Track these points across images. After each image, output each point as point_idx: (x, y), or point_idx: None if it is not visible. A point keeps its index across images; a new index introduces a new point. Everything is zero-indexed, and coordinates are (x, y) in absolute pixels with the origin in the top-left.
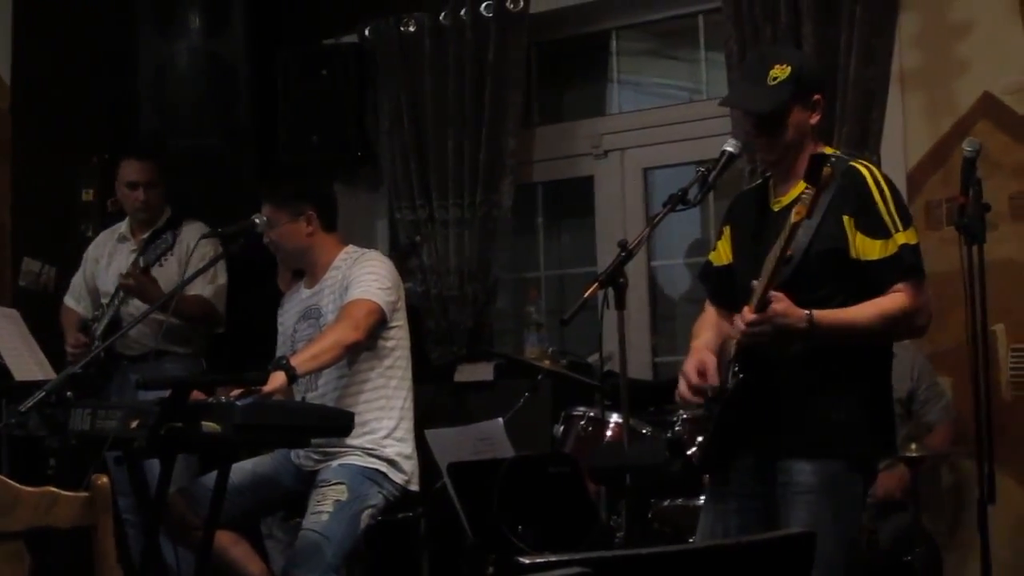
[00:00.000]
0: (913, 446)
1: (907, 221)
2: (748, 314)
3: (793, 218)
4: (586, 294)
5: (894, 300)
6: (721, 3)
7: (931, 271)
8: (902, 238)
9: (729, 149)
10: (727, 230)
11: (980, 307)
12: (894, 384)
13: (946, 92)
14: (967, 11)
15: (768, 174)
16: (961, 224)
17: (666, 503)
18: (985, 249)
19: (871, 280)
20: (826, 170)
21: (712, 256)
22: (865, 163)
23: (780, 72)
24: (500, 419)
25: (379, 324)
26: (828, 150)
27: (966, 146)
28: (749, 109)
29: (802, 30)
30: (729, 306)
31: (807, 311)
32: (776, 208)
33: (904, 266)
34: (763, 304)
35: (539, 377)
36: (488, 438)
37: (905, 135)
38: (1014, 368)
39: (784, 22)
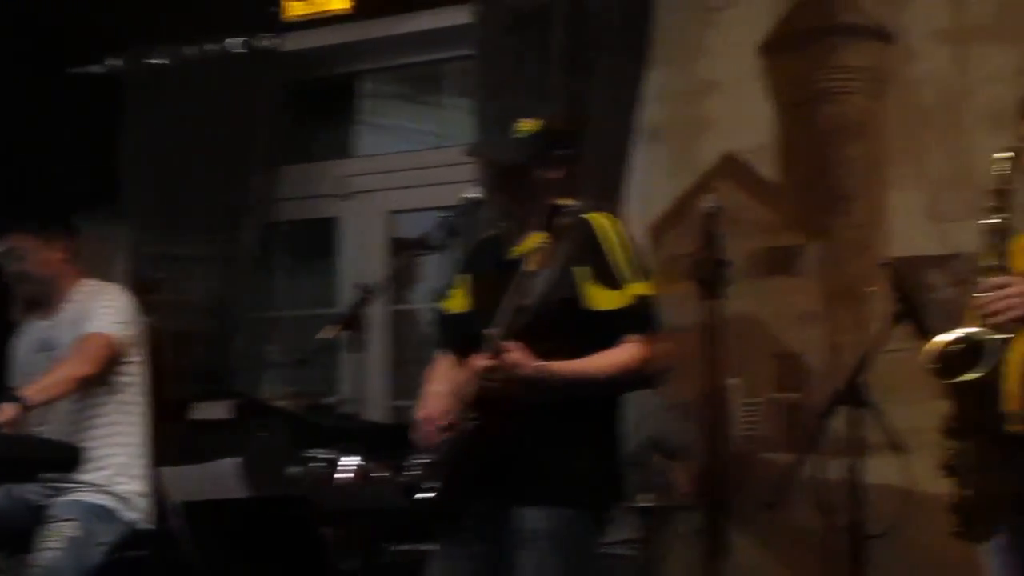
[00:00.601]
0: (645, 496)
1: (643, 273)
2: (482, 361)
3: (529, 268)
4: (325, 336)
5: (626, 352)
6: (470, 51)
7: (670, 325)
8: (636, 290)
9: (472, 196)
10: (463, 278)
11: (716, 361)
12: (631, 433)
13: (690, 148)
14: (713, 71)
15: (506, 223)
16: (700, 279)
17: (401, 547)
18: (723, 304)
19: (605, 331)
20: (563, 221)
21: (448, 304)
22: (603, 215)
23: (527, 126)
24: (235, 459)
25: (114, 358)
26: (569, 201)
27: (707, 202)
28: (493, 159)
29: (551, 81)
30: (464, 354)
31: (540, 362)
32: (512, 257)
33: (637, 318)
34: (498, 352)
35: (276, 418)
36: (223, 478)
37: (648, 190)
38: (747, 422)
39: (533, 73)
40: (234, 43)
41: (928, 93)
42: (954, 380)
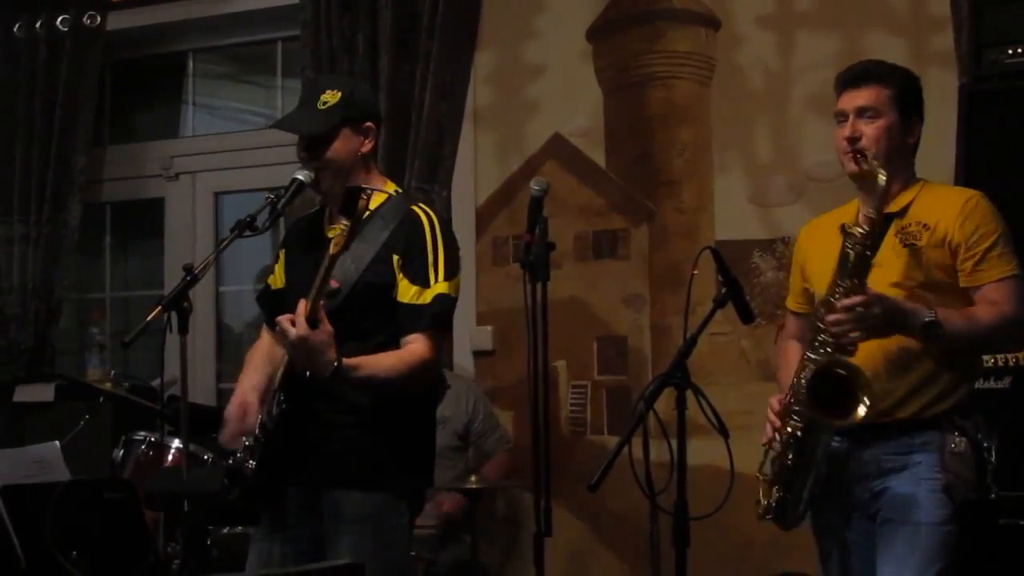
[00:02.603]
0: (472, 478)
1: (451, 273)
2: (301, 312)
3: (331, 250)
4: (149, 317)
5: (412, 352)
6: (299, 31)
7: (497, 307)
8: (439, 288)
9: (300, 177)
10: (282, 254)
11: (542, 343)
12: (450, 417)
13: (517, 131)
14: (541, 54)
15: (324, 200)
16: (526, 262)
17: (225, 531)
18: (549, 287)
19: (400, 323)
20: (361, 202)
21: (271, 280)
22: (425, 208)
23: (330, 97)
24: (56, 442)
25: None
26: (390, 187)
27: (534, 185)
28: (294, 131)
29: (379, 63)
30: None
31: (335, 358)
32: (331, 235)
33: (429, 315)
34: (314, 319)
35: (100, 400)
36: (44, 461)
37: (476, 172)
38: (574, 404)
39: (361, 53)
40: (59, 20)
41: (753, 79)
42: (845, 420)
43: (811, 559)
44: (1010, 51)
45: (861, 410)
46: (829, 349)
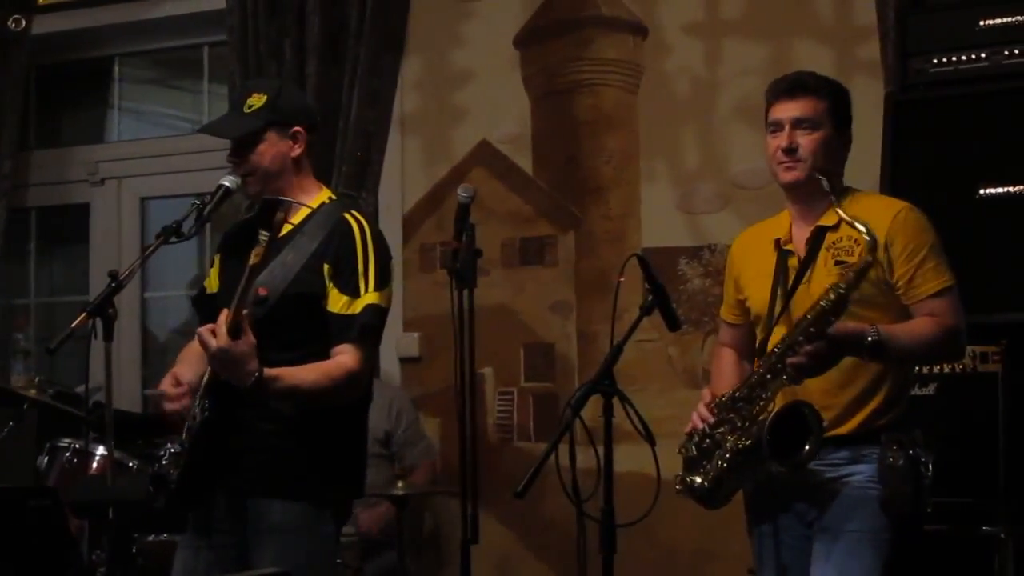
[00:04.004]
0: (399, 484)
1: (382, 283)
2: (222, 322)
3: (251, 260)
4: (74, 324)
5: (339, 364)
6: (226, 36)
7: (423, 313)
8: (369, 299)
9: (226, 183)
10: (218, 259)
11: (469, 350)
12: (372, 425)
13: (444, 138)
14: (468, 60)
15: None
16: (453, 268)
17: (151, 538)
18: (476, 294)
19: (330, 333)
20: (279, 215)
21: (207, 283)
22: (358, 216)
23: (256, 100)
24: None
25: None
26: (326, 192)
27: (461, 192)
28: (219, 135)
29: (306, 68)
30: None
31: (256, 369)
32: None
33: (359, 326)
34: (236, 330)
35: (24, 406)
36: None
37: (403, 178)
38: (500, 411)
39: (289, 59)
40: None
41: (681, 86)
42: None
43: (739, 566)
44: (935, 60)
45: (805, 449)
46: (785, 378)
